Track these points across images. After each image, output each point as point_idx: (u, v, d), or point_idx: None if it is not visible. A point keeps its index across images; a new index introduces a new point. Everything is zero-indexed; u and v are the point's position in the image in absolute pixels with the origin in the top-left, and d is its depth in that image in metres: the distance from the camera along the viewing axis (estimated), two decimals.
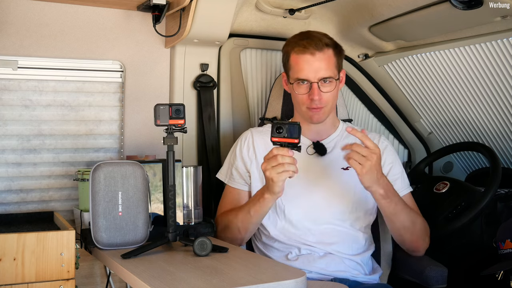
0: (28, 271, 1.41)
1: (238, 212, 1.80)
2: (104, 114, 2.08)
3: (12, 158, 1.95)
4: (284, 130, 1.54)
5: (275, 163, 1.55)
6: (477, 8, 1.71)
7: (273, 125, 1.55)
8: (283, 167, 1.55)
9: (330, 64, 1.79)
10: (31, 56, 1.95)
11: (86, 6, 2.01)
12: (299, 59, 1.79)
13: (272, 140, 1.55)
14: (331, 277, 1.77)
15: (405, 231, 1.81)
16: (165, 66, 2.17)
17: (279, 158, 1.54)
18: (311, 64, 1.77)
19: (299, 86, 1.81)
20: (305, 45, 1.78)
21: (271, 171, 1.56)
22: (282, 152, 1.54)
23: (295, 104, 1.90)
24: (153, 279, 1.28)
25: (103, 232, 1.59)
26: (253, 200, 1.75)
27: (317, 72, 1.77)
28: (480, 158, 2.57)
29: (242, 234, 1.80)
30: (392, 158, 1.90)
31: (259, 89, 2.34)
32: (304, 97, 1.81)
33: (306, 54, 1.78)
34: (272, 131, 1.55)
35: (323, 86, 1.79)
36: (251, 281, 1.25)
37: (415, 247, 1.87)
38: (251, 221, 1.77)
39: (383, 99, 2.58)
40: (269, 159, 1.57)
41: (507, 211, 2.19)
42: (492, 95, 2.17)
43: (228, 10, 1.99)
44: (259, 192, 1.72)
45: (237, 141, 1.96)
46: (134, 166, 1.64)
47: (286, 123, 1.54)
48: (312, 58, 1.77)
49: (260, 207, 1.71)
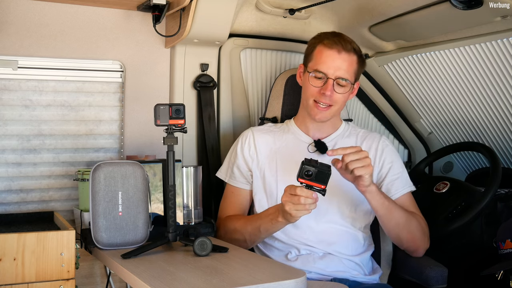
0: (28, 271, 1.41)
1: (247, 224, 1.79)
2: (104, 114, 2.08)
3: (12, 158, 1.95)
4: (313, 174, 1.51)
5: (296, 201, 1.54)
6: (477, 8, 1.71)
7: (303, 167, 1.51)
8: (303, 207, 1.55)
9: (351, 68, 1.82)
10: (31, 56, 1.95)
11: (86, 6, 2.01)
12: (324, 52, 1.81)
13: (299, 180, 1.53)
14: (330, 277, 1.77)
15: (400, 229, 1.80)
16: (165, 66, 2.17)
17: (302, 199, 1.53)
18: (334, 60, 1.80)
19: (314, 78, 1.82)
20: (335, 41, 1.81)
21: (291, 207, 1.56)
22: (306, 194, 1.53)
23: (303, 97, 1.88)
24: (153, 279, 1.28)
25: (103, 232, 1.59)
26: (265, 217, 1.73)
27: (337, 70, 1.79)
28: (480, 158, 2.57)
29: (248, 244, 1.81)
30: (391, 158, 1.90)
31: (259, 89, 2.34)
32: (315, 90, 1.81)
33: (333, 50, 1.80)
34: (300, 172, 1.52)
35: (337, 87, 1.80)
36: (251, 281, 1.25)
37: (414, 247, 1.86)
38: (260, 236, 1.78)
39: (383, 99, 2.58)
40: (291, 196, 1.55)
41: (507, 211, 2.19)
42: (492, 95, 2.17)
43: (228, 10, 1.99)
44: (272, 211, 1.71)
45: (238, 140, 1.96)
46: (134, 166, 1.64)
47: (316, 167, 1.51)
48: (337, 55, 1.80)
49: (271, 227, 1.72)
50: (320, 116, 1.83)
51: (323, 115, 1.83)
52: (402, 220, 1.78)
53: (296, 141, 1.91)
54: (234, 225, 1.83)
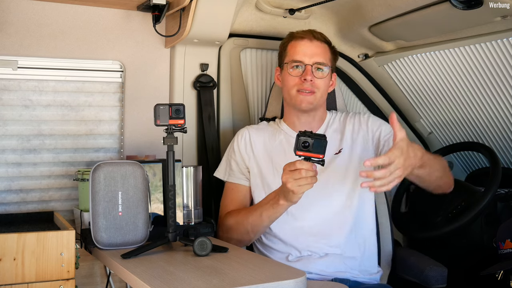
0: (28, 271, 1.41)
1: (248, 214, 1.79)
2: (104, 114, 2.08)
3: (12, 158, 1.95)
4: (310, 145, 1.50)
5: (298, 176, 1.53)
6: (477, 8, 1.71)
7: (299, 139, 1.50)
8: (306, 181, 1.53)
9: (326, 54, 1.87)
10: (31, 56, 1.95)
11: (86, 6, 2.01)
12: (296, 44, 1.88)
13: (297, 153, 1.51)
14: (331, 277, 1.77)
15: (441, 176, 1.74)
16: (165, 66, 2.17)
17: (303, 172, 1.52)
18: (308, 47, 1.86)
19: (293, 70, 1.86)
20: (304, 33, 1.89)
21: (293, 183, 1.54)
22: (307, 166, 1.52)
23: (285, 92, 1.90)
24: (153, 279, 1.28)
25: (103, 232, 1.59)
26: (265, 204, 1.73)
27: (312, 56, 1.85)
28: (480, 158, 2.57)
29: (251, 236, 1.80)
30: (377, 123, 1.91)
31: (259, 89, 2.34)
32: (296, 79, 1.84)
33: (304, 39, 1.87)
34: (297, 145, 1.51)
35: (316, 72, 1.85)
36: (251, 281, 1.25)
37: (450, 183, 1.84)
38: (262, 225, 1.77)
39: (383, 99, 2.58)
40: (291, 172, 1.54)
41: (507, 211, 2.19)
42: (492, 95, 2.17)
43: (228, 10, 1.99)
44: (272, 196, 1.70)
45: (234, 139, 1.97)
46: (134, 166, 1.64)
47: (312, 137, 1.50)
48: (310, 43, 1.86)
49: (274, 212, 1.71)
50: (306, 101, 1.83)
51: (308, 100, 1.84)
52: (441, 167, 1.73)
53: (288, 138, 1.91)
54: (235, 218, 1.83)
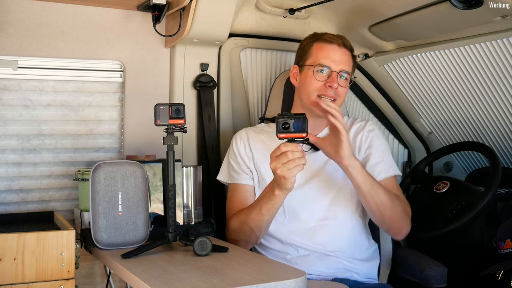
0: (28, 271, 1.41)
1: (249, 212, 1.77)
2: (104, 114, 2.08)
3: (12, 158, 1.95)
4: (290, 125, 1.48)
5: (285, 160, 1.50)
6: (477, 8, 1.71)
7: (278, 121, 1.48)
8: (294, 163, 1.50)
9: (350, 63, 1.86)
10: (31, 56, 1.95)
11: (86, 6, 2.01)
12: (324, 47, 1.83)
13: (279, 136, 1.49)
14: (331, 277, 1.77)
15: (384, 207, 1.74)
16: (165, 66, 2.17)
17: (289, 154, 1.50)
18: (336, 53, 1.82)
19: (317, 73, 1.81)
20: (333, 37, 1.84)
21: (282, 168, 1.51)
22: (291, 148, 1.50)
23: (303, 94, 1.85)
24: (153, 279, 1.28)
25: (103, 232, 1.59)
26: (263, 198, 1.71)
27: (340, 63, 1.81)
28: (480, 158, 2.57)
29: (257, 233, 1.78)
30: (376, 141, 1.88)
31: (259, 89, 2.34)
32: (319, 84, 1.80)
33: (333, 44, 1.83)
34: (277, 127, 1.49)
35: (340, 80, 1.81)
36: (251, 281, 1.25)
37: (397, 228, 1.82)
38: (264, 219, 1.74)
39: (383, 99, 2.58)
40: (278, 157, 1.52)
41: (507, 211, 2.19)
42: (492, 95, 2.17)
43: (228, 10, 1.99)
44: (268, 189, 1.69)
45: (232, 141, 1.96)
46: (134, 166, 1.64)
47: (291, 117, 1.48)
48: (338, 49, 1.83)
49: (272, 205, 1.68)
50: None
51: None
52: (385, 198, 1.73)
53: None
54: (239, 218, 1.81)
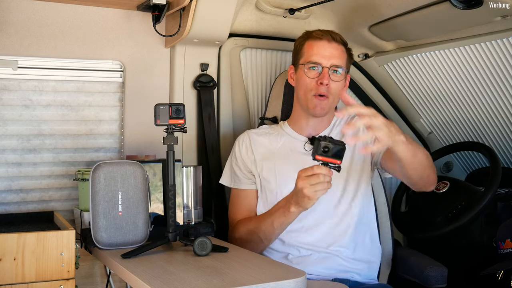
0: (28, 271, 1.41)
1: (259, 224, 1.78)
2: (104, 114, 2.08)
3: (12, 158, 1.95)
4: (329, 150, 1.48)
5: (315, 181, 1.51)
6: (477, 8, 1.71)
7: (320, 143, 1.48)
8: (322, 186, 1.51)
9: (343, 57, 1.84)
10: (31, 56, 1.95)
11: (86, 6, 2.01)
12: (314, 45, 1.84)
13: (317, 158, 1.49)
14: (331, 277, 1.77)
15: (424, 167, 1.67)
16: (165, 66, 2.17)
17: (321, 177, 1.51)
18: (326, 49, 1.82)
19: (309, 71, 1.82)
20: (322, 34, 1.84)
21: (309, 189, 1.52)
22: (325, 172, 1.50)
23: (300, 93, 1.86)
24: (153, 279, 1.28)
25: (103, 232, 1.59)
26: (276, 212, 1.72)
27: (330, 58, 1.81)
28: (480, 158, 2.57)
29: (266, 243, 1.80)
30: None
31: (259, 89, 2.34)
32: (312, 82, 1.81)
33: (323, 40, 1.83)
34: (316, 149, 1.49)
35: (333, 75, 1.81)
36: (251, 281, 1.25)
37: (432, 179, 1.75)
38: (275, 232, 1.76)
39: (383, 99, 2.58)
40: (308, 177, 1.52)
41: (507, 211, 2.19)
42: (492, 95, 2.17)
43: (228, 10, 1.99)
44: (283, 203, 1.69)
45: (235, 144, 1.96)
46: (134, 166, 1.64)
47: (333, 142, 1.48)
48: (328, 45, 1.82)
49: (285, 220, 1.70)
50: (321, 108, 1.81)
51: (323, 107, 1.81)
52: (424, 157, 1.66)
53: (292, 141, 1.90)
54: (247, 227, 1.82)
